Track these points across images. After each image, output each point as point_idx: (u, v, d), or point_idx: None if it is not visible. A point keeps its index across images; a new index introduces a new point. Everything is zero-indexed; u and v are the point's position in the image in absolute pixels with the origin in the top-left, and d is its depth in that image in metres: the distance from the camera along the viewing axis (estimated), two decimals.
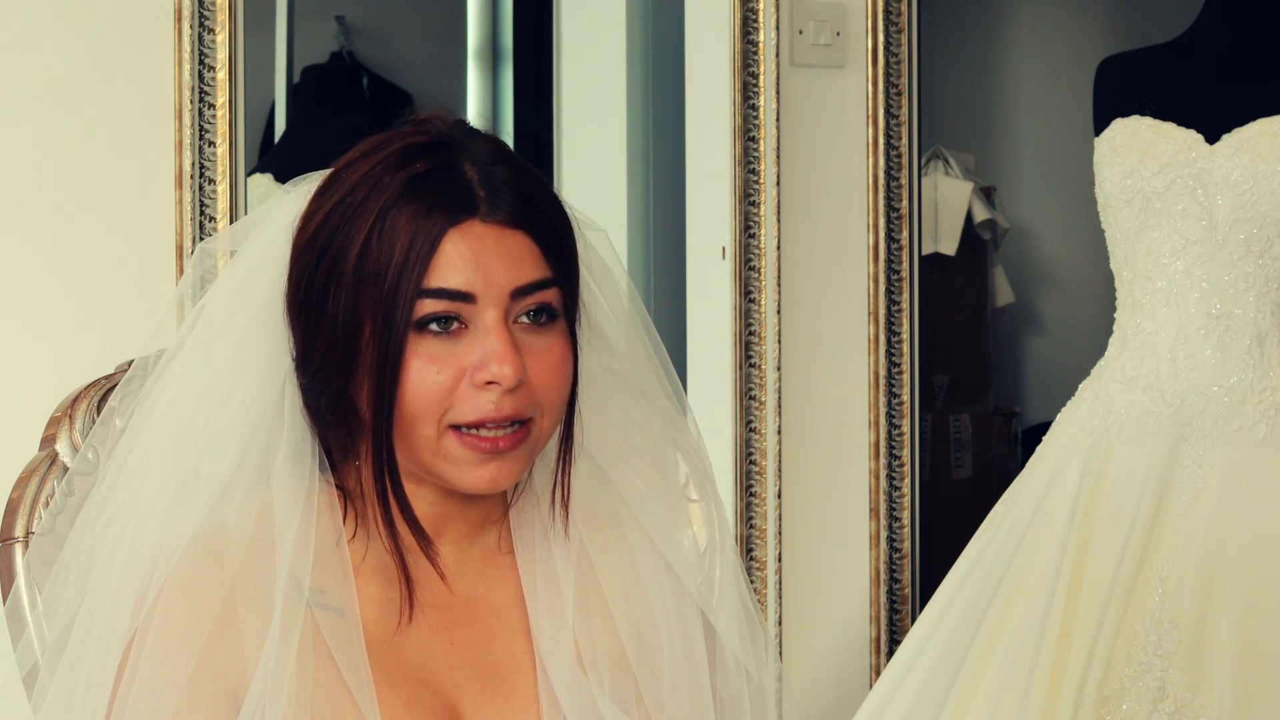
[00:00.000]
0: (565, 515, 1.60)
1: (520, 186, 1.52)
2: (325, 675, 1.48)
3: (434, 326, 1.49)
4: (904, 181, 3.43)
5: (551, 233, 1.53)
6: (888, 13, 3.40)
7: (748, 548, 3.26)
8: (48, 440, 1.70)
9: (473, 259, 1.49)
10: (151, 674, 1.47)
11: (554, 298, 1.52)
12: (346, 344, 1.50)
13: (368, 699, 1.47)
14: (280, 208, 1.58)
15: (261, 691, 1.45)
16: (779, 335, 3.29)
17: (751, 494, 3.27)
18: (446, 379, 1.49)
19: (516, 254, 1.50)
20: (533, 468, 1.61)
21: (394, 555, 1.54)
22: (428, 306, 1.48)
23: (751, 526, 3.27)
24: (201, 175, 2.79)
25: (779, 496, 3.29)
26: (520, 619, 1.58)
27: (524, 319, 1.51)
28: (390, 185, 1.50)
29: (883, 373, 3.42)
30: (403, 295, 1.47)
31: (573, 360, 1.54)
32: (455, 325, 1.49)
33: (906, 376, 3.44)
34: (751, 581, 3.22)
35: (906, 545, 3.44)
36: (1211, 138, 2.89)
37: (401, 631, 1.54)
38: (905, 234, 3.43)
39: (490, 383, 1.48)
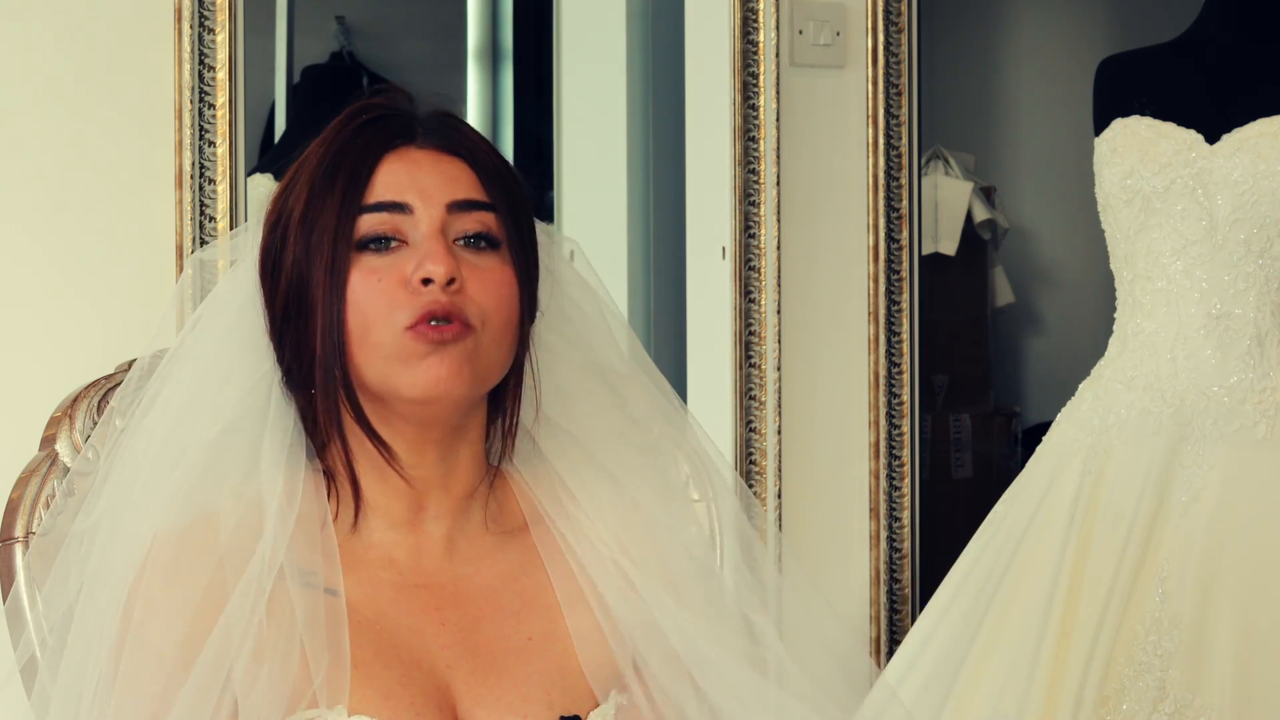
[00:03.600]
0: (511, 444, 1.63)
1: (460, 128, 1.59)
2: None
3: (373, 245, 1.54)
4: (904, 181, 3.43)
5: (490, 165, 1.58)
6: (888, 13, 3.40)
7: None
8: (48, 440, 1.70)
9: (408, 175, 1.56)
10: (139, 655, 1.48)
11: (493, 222, 1.57)
12: (300, 284, 1.55)
13: (343, 680, 1.49)
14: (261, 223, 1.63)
15: (224, 648, 1.47)
16: (779, 335, 3.29)
17: (752, 493, 3.27)
18: (388, 286, 1.53)
19: (453, 174, 1.57)
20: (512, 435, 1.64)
21: (344, 466, 1.57)
22: (367, 223, 1.54)
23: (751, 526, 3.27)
24: (201, 175, 2.79)
25: (779, 496, 3.29)
26: (509, 600, 1.60)
27: (463, 242, 1.55)
28: (333, 141, 1.58)
29: (883, 373, 3.42)
30: (344, 216, 1.54)
31: (517, 286, 1.57)
32: (394, 244, 1.54)
33: (906, 376, 3.43)
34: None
35: (906, 545, 3.44)
36: (1211, 138, 2.89)
37: (393, 612, 1.56)
38: (905, 234, 3.43)
39: (426, 281, 1.52)
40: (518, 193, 1.60)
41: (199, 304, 1.65)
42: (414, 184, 1.55)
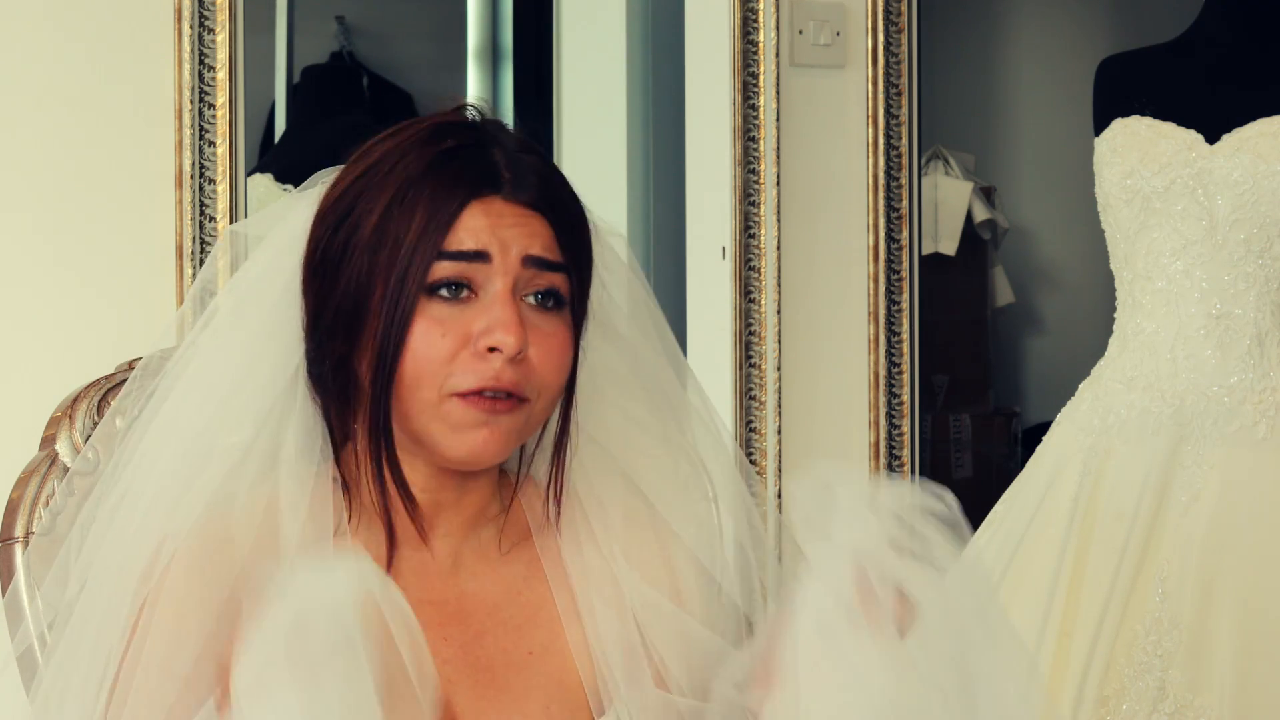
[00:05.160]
0: (558, 509, 1.62)
1: (545, 175, 1.56)
2: None
3: (444, 292, 1.51)
4: (904, 181, 3.43)
5: (569, 224, 1.56)
6: (888, 13, 3.40)
7: None
8: (48, 440, 1.70)
9: (490, 227, 1.52)
10: (154, 660, 1.47)
11: (562, 284, 1.54)
12: (355, 307, 1.52)
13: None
14: (304, 200, 1.60)
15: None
16: (779, 335, 3.29)
17: (752, 493, 3.26)
18: (451, 343, 1.51)
19: (533, 230, 1.53)
20: (532, 460, 1.63)
21: (380, 511, 1.55)
22: (442, 269, 1.51)
23: (751, 526, 3.27)
24: (201, 175, 2.79)
25: (779, 496, 3.29)
26: (512, 614, 1.59)
27: (531, 299, 1.53)
28: (418, 159, 1.53)
29: (883, 373, 3.42)
30: (419, 257, 1.50)
31: (573, 352, 1.56)
32: (465, 293, 1.51)
33: (906, 376, 3.43)
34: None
35: None
36: (1211, 138, 2.89)
37: None
38: (905, 234, 3.43)
39: (493, 349, 1.50)
40: (588, 248, 1.58)
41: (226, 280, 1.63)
42: (494, 235, 1.51)
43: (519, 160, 1.55)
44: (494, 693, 1.55)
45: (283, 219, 1.61)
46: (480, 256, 1.51)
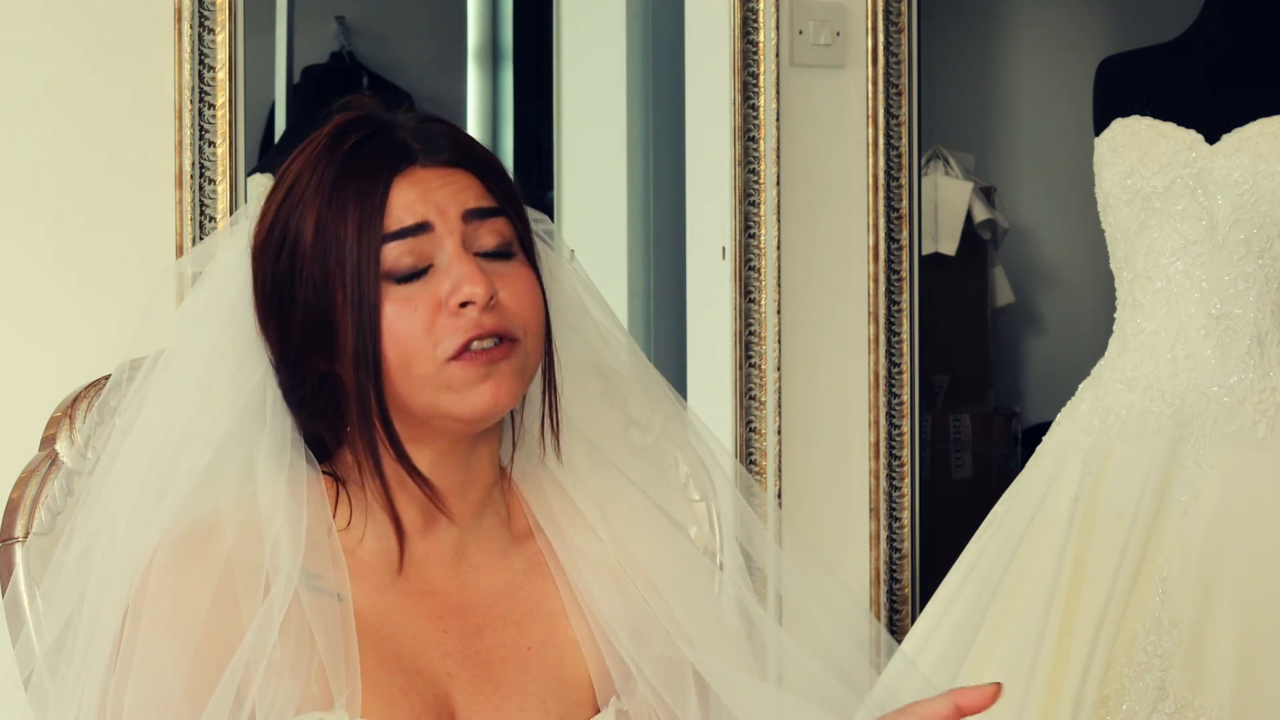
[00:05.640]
0: (556, 443, 1.63)
1: (453, 135, 1.59)
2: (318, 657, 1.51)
3: (401, 273, 1.53)
4: (904, 181, 3.43)
5: (492, 171, 1.59)
6: (888, 13, 3.40)
7: None
8: (48, 440, 1.70)
9: (421, 196, 1.54)
10: (149, 667, 1.48)
11: (507, 228, 1.57)
12: (321, 319, 1.54)
13: (355, 684, 1.49)
14: (233, 233, 1.62)
15: (241, 666, 1.47)
16: (779, 335, 3.29)
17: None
18: (424, 314, 1.52)
19: (461, 185, 1.56)
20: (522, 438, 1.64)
21: (384, 503, 1.56)
22: (392, 252, 1.53)
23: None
24: (201, 175, 2.79)
25: (779, 496, 3.29)
26: (512, 608, 1.60)
27: (483, 255, 1.55)
28: (329, 163, 1.55)
29: (883, 373, 3.42)
30: (366, 246, 1.52)
31: (540, 288, 1.58)
32: (421, 268, 1.53)
33: (906, 376, 3.43)
34: (752, 581, 3.21)
35: (906, 545, 3.44)
36: (1211, 138, 2.89)
37: (397, 618, 1.55)
38: (905, 234, 3.43)
39: (465, 304, 1.52)
40: (516, 190, 1.61)
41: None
42: (428, 202, 1.54)
43: (423, 129, 1.58)
44: (492, 687, 1.56)
45: (220, 249, 1.63)
46: (423, 228, 1.53)
